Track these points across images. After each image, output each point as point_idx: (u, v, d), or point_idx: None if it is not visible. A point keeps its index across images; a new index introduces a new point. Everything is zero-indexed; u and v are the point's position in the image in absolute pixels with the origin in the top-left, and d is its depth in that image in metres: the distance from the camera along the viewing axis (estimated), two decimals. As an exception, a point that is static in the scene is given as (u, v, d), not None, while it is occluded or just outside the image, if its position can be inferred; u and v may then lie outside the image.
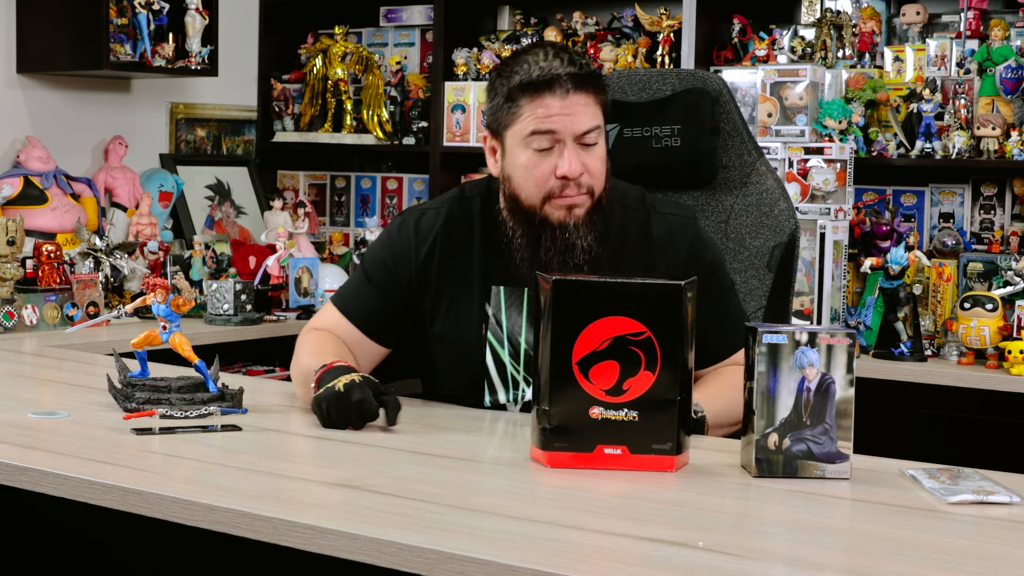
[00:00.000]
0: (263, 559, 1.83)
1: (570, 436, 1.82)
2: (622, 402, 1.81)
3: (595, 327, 1.81)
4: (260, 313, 3.92)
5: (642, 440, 1.82)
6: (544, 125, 2.13)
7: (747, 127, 2.56)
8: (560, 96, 2.12)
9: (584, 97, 2.13)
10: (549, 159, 2.15)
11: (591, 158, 2.16)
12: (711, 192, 2.52)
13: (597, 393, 1.81)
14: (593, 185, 2.17)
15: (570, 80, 2.12)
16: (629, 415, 1.81)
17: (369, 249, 2.39)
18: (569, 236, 2.17)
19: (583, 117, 2.13)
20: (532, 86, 2.13)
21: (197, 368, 2.18)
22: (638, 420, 1.81)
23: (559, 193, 2.16)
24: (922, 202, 3.98)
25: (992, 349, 3.50)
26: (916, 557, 1.46)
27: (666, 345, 1.81)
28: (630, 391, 1.81)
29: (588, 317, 1.81)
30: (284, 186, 4.93)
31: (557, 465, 1.82)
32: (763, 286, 2.42)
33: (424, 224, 2.30)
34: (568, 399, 1.81)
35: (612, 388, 1.81)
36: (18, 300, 3.45)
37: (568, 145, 2.13)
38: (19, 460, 1.82)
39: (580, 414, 1.81)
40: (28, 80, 4.12)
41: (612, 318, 1.81)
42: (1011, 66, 3.69)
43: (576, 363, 1.80)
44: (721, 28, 4.22)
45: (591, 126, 2.14)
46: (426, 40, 4.74)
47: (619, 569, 1.39)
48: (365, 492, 1.70)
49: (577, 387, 1.81)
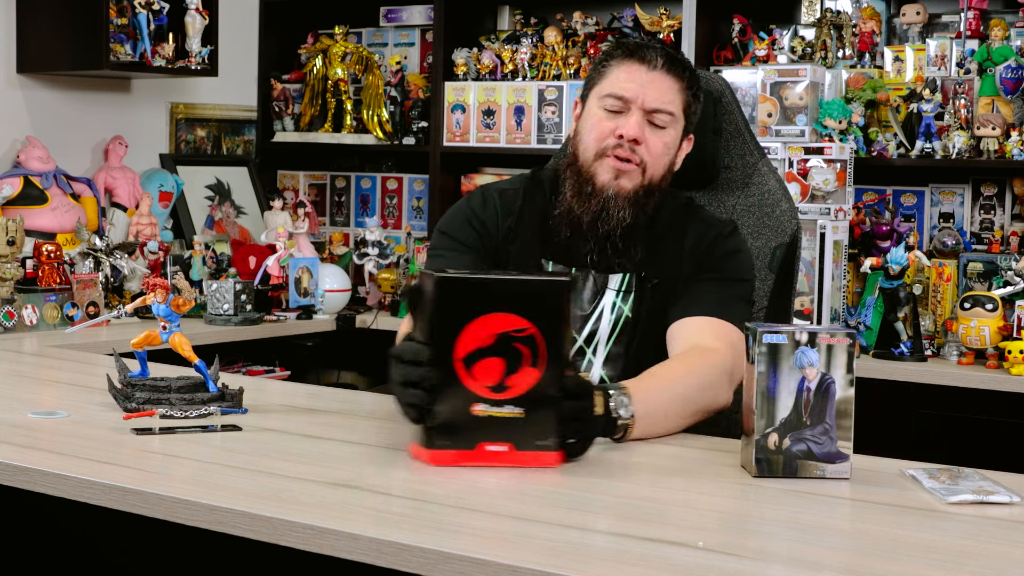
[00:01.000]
0: (263, 559, 1.83)
1: (453, 434, 1.80)
2: (505, 399, 1.78)
3: (480, 323, 1.78)
4: (260, 313, 3.92)
5: (526, 437, 1.80)
6: (620, 89, 2.21)
7: (749, 128, 2.55)
8: (647, 68, 2.21)
9: (669, 80, 2.22)
10: (615, 119, 2.21)
11: (654, 136, 2.21)
12: (713, 193, 2.52)
13: (480, 390, 1.78)
14: (647, 161, 2.21)
15: (661, 56, 2.21)
16: (513, 412, 1.79)
17: (447, 222, 2.33)
18: (607, 202, 2.20)
19: (660, 95, 2.20)
20: (626, 49, 2.24)
21: (197, 368, 2.18)
22: (522, 417, 1.79)
23: (612, 151, 2.20)
24: (922, 202, 3.98)
25: (992, 349, 3.50)
26: (916, 557, 1.46)
27: (551, 341, 1.79)
28: (513, 388, 1.79)
29: (472, 313, 1.78)
30: (284, 186, 4.93)
31: (440, 463, 1.80)
32: (764, 287, 2.42)
33: (507, 199, 2.33)
34: (451, 397, 1.79)
35: (496, 385, 1.78)
36: (18, 300, 3.45)
37: (635, 111, 2.20)
38: (19, 460, 1.82)
39: (462, 411, 1.79)
40: (28, 80, 4.12)
41: (497, 314, 1.78)
42: (1011, 66, 3.69)
43: (460, 360, 1.78)
44: (721, 28, 4.22)
45: (661, 107, 2.20)
46: (426, 40, 4.74)
47: (619, 569, 1.39)
48: (365, 492, 1.70)
49: (459, 385, 1.78)
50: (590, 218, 2.22)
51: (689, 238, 2.27)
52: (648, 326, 2.23)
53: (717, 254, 2.25)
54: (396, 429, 2.06)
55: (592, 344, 2.26)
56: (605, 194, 2.20)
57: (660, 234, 2.27)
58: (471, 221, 2.30)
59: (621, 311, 2.26)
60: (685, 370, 2.08)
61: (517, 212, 2.31)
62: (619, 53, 2.24)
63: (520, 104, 4.38)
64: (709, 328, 2.15)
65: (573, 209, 2.24)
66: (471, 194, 2.37)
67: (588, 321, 2.26)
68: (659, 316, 2.23)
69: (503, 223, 2.30)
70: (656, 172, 2.23)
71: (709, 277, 2.23)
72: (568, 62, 4.37)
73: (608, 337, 2.25)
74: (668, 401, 2.02)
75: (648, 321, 2.24)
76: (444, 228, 2.33)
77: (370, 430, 2.10)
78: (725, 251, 2.26)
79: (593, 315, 2.26)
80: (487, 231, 2.30)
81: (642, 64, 2.21)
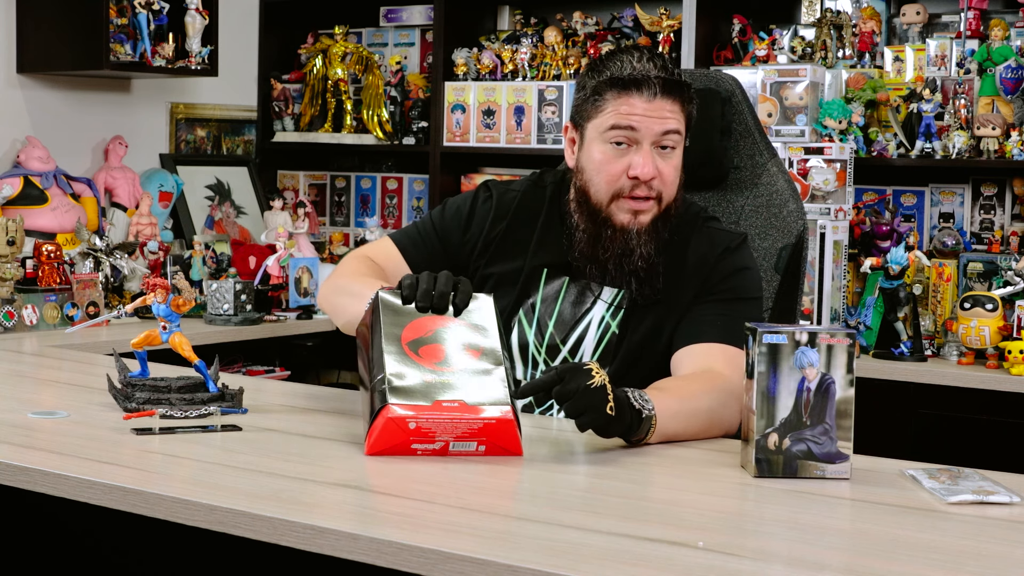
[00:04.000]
0: (263, 559, 1.83)
1: (410, 395, 1.85)
2: (453, 371, 1.88)
3: (418, 322, 1.93)
4: (260, 313, 3.92)
5: (475, 394, 1.87)
6: (625, 121, 2.15)
7: (760, 128, 2.54)
8: (647, 97, 2.14)
9: (670, 103, 2.15)
10: (624, 157, 2.16)
11: (666, 164, 2.17)
12: (722, 193, 2.51)
13: (429, 365, 1.88)
14: (663, 191, 2.18)
15: (659, 83, 2.14)
16: (462, 378, 1.87)
17: (447, 204, 2.39)
18: (630, 241, 2.18)
19: (665, 121, 2.15)
20: (621, 82, 2.15)
21: (197, 368, 2.18)
22: (470, 381, 1.87)
23: (628, 193, 2.17)
24: (922, 202, 3.98)
25: (992, 349, 3.50)
26: (916, 557, 1.46)
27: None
28: (458, 363, 1.89)
29: (412, 316, 1.94)
30: (284, 186, 4.93)
31: (393, 422, 1.84)
32: (770, 287, 2.42)
33: (505, 200, 2.34)
34: (404, 367, 1.87)
35: (442, 362, 1.89)
36: (18, 300, 3.45)
37: (645, 146, 2.15)
38: (19, 460, 1.82)
39: (416, 378, 1.87)
40: (28, 80, 4.12)
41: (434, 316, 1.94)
42: (1011, 66, 3.69)
43: (406, 344, 1.90)
44: (721, 28, 4.22)
45: (672, 128, 2.15)
46: (426, 40, 4.74)
47: (619, 569, 1.39)
48: (365, 492, 1.70)
49: (410, 360, 1.88)
50: (614, 261, 2.19)
51: (691, 254, 2.23)
52: (634, 345, 2.21)
53: (723, 272, 2.21)
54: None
55: (577, 355, 2.25)
56: (628, 234, 2.18)
57: (664, 252, 2.23)
58: (462, 219, 2.34)
59: (609, 326, 2.24)
60: (702, 388, 2.05)
61: (510, 214, 2.32)
62: (614, 85, 2.16)
63: (520, 104, 4.38)
64: (720, 355, 2.12)
65: (596, 254, 2.21)
66: (479, 188, 2.39)
67: (575, 329, 2.25)
68: (650, 336, 2.20)
69: (494, 226, 2.32)
70: (671, 196, 2.20)
71: (716, 299, 2.19)
72: (568, 62, 4.37)
73: (593, 351, 2.24)
74: (688, 415, 2.00)
75: (635, 340, 2.21)
76: (436, 213, 2.38)
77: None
78: (732, 269, 2.22)
79: (580, 324, 2.25)
80: (472, 226, 2.33)
81: (640, 94, 2.14)
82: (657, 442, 1.96)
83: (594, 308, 2.25)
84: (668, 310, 2.21)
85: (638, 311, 2.22)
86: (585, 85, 2.21)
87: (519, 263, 2.29)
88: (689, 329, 2.17)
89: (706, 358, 2.13)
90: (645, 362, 2.20)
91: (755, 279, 2.26)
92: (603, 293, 2.25)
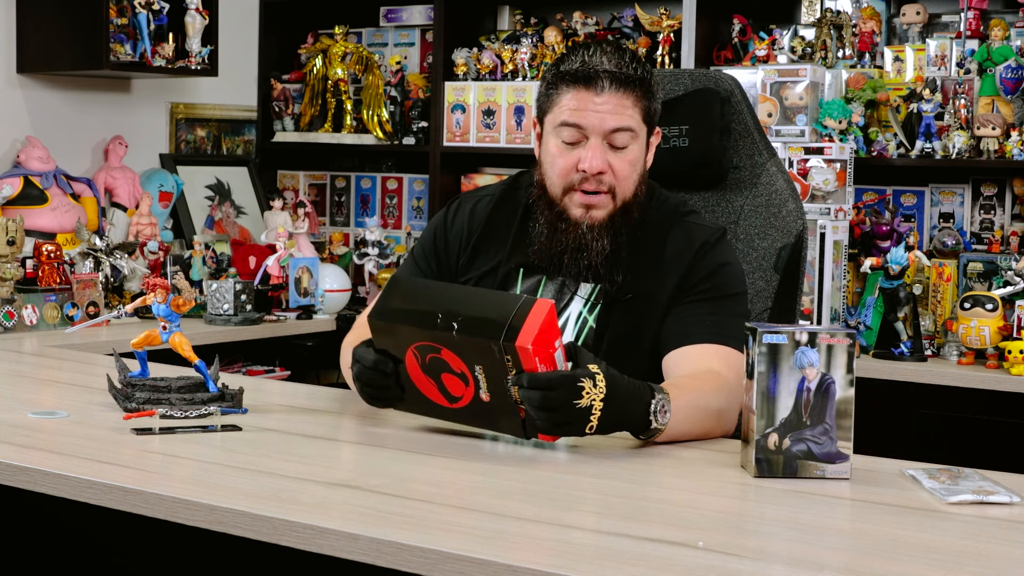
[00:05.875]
0: (263, 559, 1.83)
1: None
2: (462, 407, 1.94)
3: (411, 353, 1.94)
4: (260, 313, 3.92)
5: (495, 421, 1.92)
6: (573, 118, 2.15)
7: (759, 127, 2.54)
8: (595, 92, 2.14)
9: (621, 98, 2.14)
10: (575, 151, 2.16)
11: (618, 159, 2.16)
12: (722, 193, 2.51)
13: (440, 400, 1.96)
14: (616, 186, 2.17)
15: (608, 78, 2.13)
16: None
17: (424, 233, 2.42)
18: (583, 236, 2.18)
19: (614, 116, 2.14)
20: (571, 76, 2.15)
21: (197, 368, 2.18)
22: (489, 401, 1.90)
23: (578, 186, 2.17)
24: (922, 202, 3.98)
25: (992, 349, 3.50)
26: (916, 557, 1.46)
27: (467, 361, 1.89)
28: (463, 398, 1.93)
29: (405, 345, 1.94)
30: (284, 186, 4.93)
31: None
32: (769, 287, 2.41)
33: (480, 207, 2.35)
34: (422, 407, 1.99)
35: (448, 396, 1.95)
36: (18, 300, 3.45)
37: (593, 141, 2.15)
38: (19, 460, 1.82)
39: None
40: (28, 80, 4.12)
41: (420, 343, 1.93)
42: (1011, 66, 3.69)
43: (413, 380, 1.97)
44: (721, 28, 4.22)
45: (619, 126, 2.14)
46: (426, 40, 4.74)
47: (619, 569, 1.39)
48: (365, 492, 1.70)
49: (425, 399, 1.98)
50: (569, 254, 2.19)
51: (669, 249, 2.21)
52: (614, 341, 2.19)
53: (704, 270, 2.19)
54: (396, 429, 2.06)
55: None
56: (580, 229, 2.17)
57: (637, 246, 2.22)
58: (436, 243, 2.36)
59: (586, 321, 2.23)
60: (711, 388, 2.04)
61: (485, 221, 2.32)
62: (564, 79, 2.16)
63: (520, 104, 4.38)
64: (715, 355, 2.11)
65: (552, 247, 2.21)
66: (449, 204, 2.41)
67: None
68: (629, 332, 2.19)
69: (469, 237, 2.32)
70: (627, 191, 2.19)
71: (700, 298, 2.17)
72: (568, 62, 4.37)
73: None
74: (696, 416, 1.99)
75: (614, 336, 2.20)
76: (415, 248, 2.41)
77: (370, 430, 2.10)
78: (713, 265, 2.20)
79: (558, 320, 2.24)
80: (449, 244, 2.34)
81: (589, 89, 2.14)
82: (664, 441, 1.96)
83: (571, 304, 2.24)
84: (647, 305, 2.19)
85: (616, 306, 2.21)
86: (545, 78, 2.22)
87: (495, 264, 2.29)
88: (677, 330, 2.16)
89: (701, 359, 2.12)
90: (629, 358, 2.15)
91: (736, 273, 2.25)
92: (580, 289, 2.24)
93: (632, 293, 2.20)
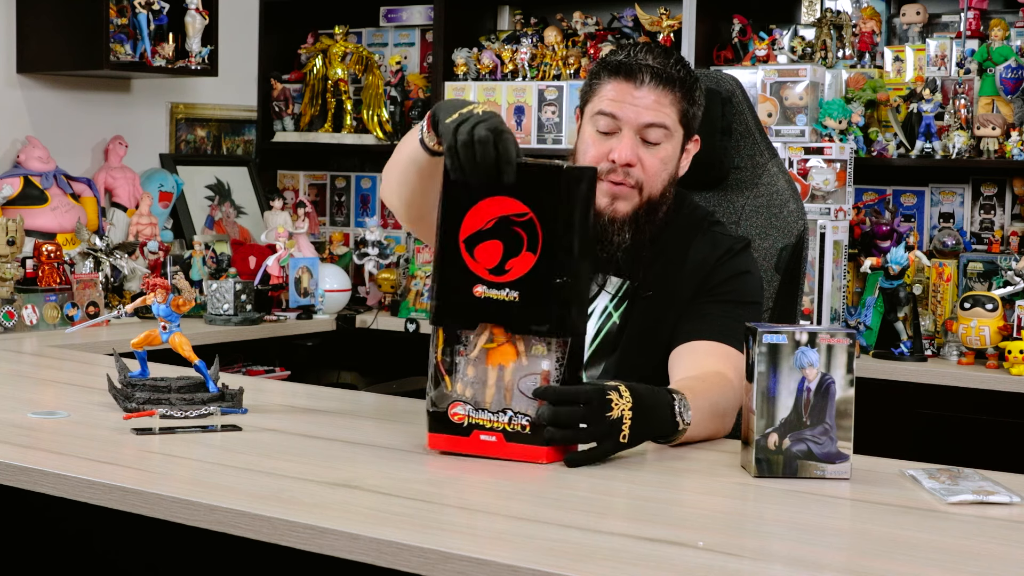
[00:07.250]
0: (263, 559, 1.83)
1: (454, 314, 1.86)
2: (504, 281, 1.84)
3: (481, 207, 1.84)
4: (260, 313, 3.92)
5: (520, 320, 1.84)
6: (610, 108, 2.16)
7: (761, 128, 2.54)
8: (635, 85, 2.15)
9: (660, 95, 2.15)
10: (608, 141, 2.17)
11: (649, 155, 2.17)
12: (723, 193, 2.51)
13: (480, 271, 1.85)
14: (644, 181, 2.17)
15: (649, 72, 2.15)
16: (510, 295, 1.84)
17: None
18: (604, 227, 2.17)
19: (650, 111, 2.15)
20: (614, 67, 2.17)
21: (197, 368, 2.18)
22: (518, 300, 1.83)
23: (606, 176, 2.16)
24: (922, 202, 3.98)
25: (992, 349, 3.50)
26: (916, 557, 1.46)
27: (548, 227, 1.82)
28: (512, 271, 1.84)
29: (475, 197, 1.84)
30: (284, 186, 4.93)
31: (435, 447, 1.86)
32: (770, 288, 2.41)
33: None
34: (454, 276, 1.85)
35: (495, 267, 1.84)
36: (18, 300, 3.45)
37: (626, 132, 2.15)
38: (19, 460, 1.82)
39: (464, 291, 1.85)
40: (28, 80, 4.12)
41: (498, 198, 1.84)
42: (1011, 66, 3.69)
43: (463, 241, 1.85)
44: (721, 28, 4.22)
45: (654, 121, 2.15)
46: (426, 40, 4.74)
47: (619, 569, 1.39)
48: (365, 492, 1.70)
49: (463, 264, 1.85)
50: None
51: (693, 255, 2.22)
52: (633, 337, 2.20)
53: (725, 274, 2.20)
54: (396, 429, 2.06)
55: None
56: (602, 220, 2.17)
57: (663, 248, 2.22)
58: None
59: (611, 316, 2.23)
60: (721, 390, 2.04)
61: None
62: (607, 69, 2.18)
63: (520, 104, 4.38)
64: (720, 354, 2.12)
65: None
66: None
67: None
68: (648, 330, 2.19)
69: None
70: (655, 189, 2.18)
71: (716, 299, 2.18)
72: (568, 62, 4.37)
73: (592, 339, 2.22)
74: (708, 418, 1.99)
75: (634, 333, 2.20)
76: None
77: (370, 430, 2.10)
78: (734, 271, 2.21)
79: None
80: None
81: (629, 82, 2.15)
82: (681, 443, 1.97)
83: (599, 297, 2.25)
84: (668, 306, 2.20)
85: (640, 303, 2.22)
86: (590, 70, 2.25)
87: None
88: (687, 325, 2.17)
89: (706, 356, 2.12)
90: (648, 357, 2.18)
91: (756, 284, 2.26)
92: (608, 284, 2.25)
93: (653, 291, 2.21)
